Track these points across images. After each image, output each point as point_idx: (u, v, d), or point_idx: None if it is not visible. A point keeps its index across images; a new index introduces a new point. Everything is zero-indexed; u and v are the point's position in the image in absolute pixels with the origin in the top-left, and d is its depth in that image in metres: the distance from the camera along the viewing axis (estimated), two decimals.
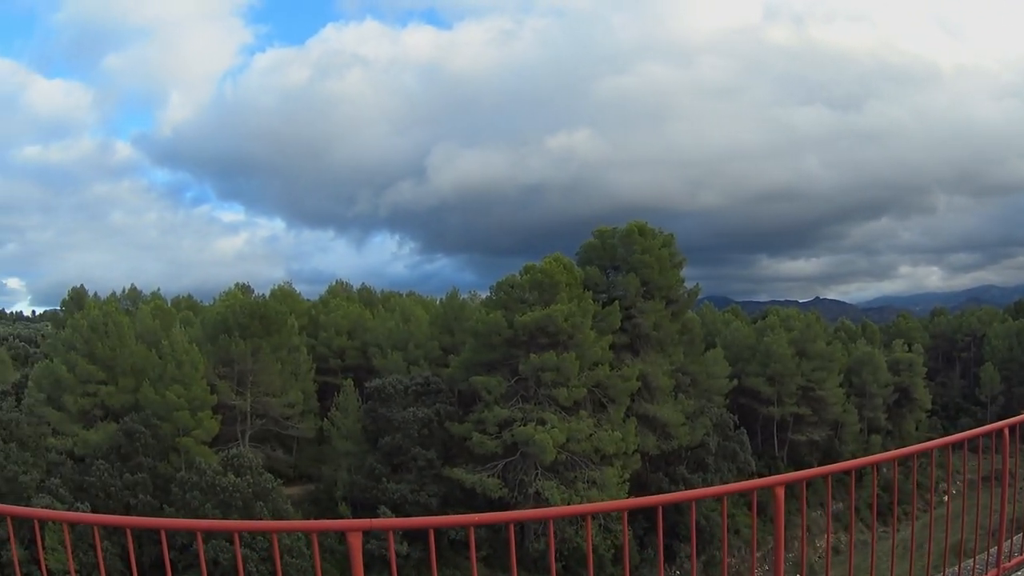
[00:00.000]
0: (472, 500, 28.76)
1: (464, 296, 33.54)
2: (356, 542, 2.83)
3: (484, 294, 31.50)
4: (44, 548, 21.50)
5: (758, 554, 33.17)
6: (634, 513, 29.37)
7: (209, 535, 24.09)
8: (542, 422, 28.69)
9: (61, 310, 39.81)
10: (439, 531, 24.61)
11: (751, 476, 35.06)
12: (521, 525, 29.60)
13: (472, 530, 3.02)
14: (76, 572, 22.65)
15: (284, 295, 38.06)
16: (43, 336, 46.58)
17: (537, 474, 29.18)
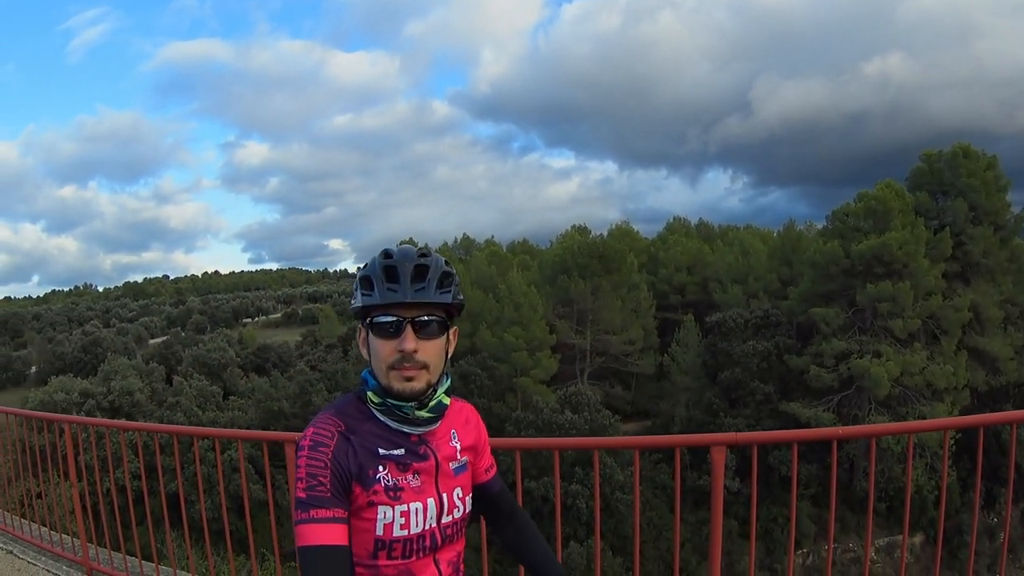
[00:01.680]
0: None
1: (800, 227, 37.13)
2: (720, 456, 3.11)
3: (819, 225, 35.04)
4: None
5: None
6: (959, 454, 31.96)
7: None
8: (877, 354, 31.64)
9: None
10: (772, 468, 28.46)
11: None
12: (851, 463, 33.53)
13: (835, 444, 3.17)
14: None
15: (622, 234, 41.78)
16: None
17: (870, 409, 32.61)
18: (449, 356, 1.65)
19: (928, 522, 30.95)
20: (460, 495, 1.69)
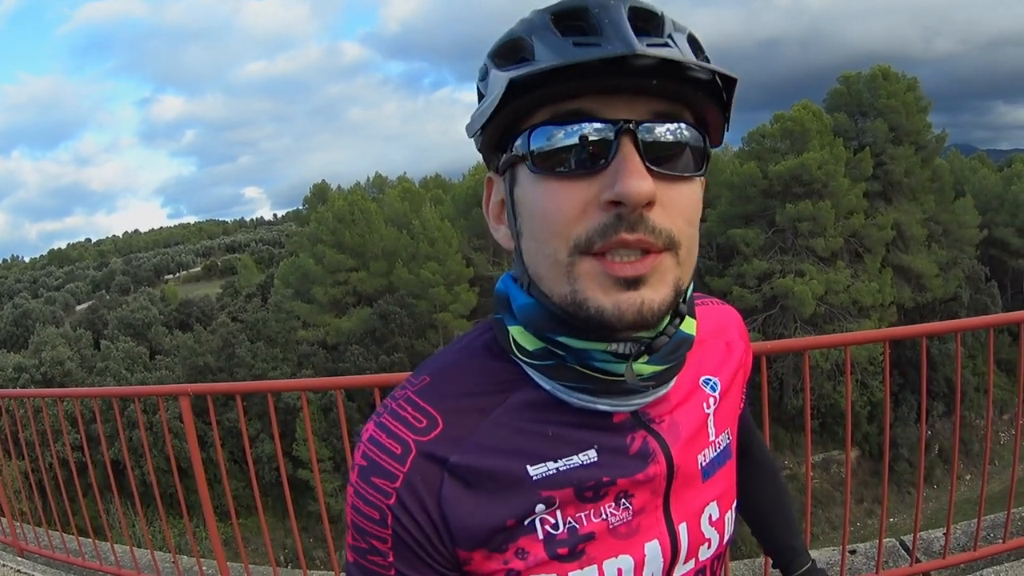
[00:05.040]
0: None
1: (716, 149, 36.27)
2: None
3: (735, 148, 34.99)
4: (295, 440, 26.58)
5: (1006, 416, 36.05)
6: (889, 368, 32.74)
7: None
8: (800, 274, 31.79)
9: (304, 208, 42.80)
10: None
11: (1001, 331, 37.84)
12: (780, 382, 33.74)
13: (764, 360, 2.88)
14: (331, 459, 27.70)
15: None
16: (287, 236, 53.16)
17: (796, 328, 32.91)
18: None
19: (862, 437, 31.33)
20: (714, 517, 0.81)
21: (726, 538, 0.83)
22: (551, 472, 0.70)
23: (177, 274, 77.06)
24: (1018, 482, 3.42)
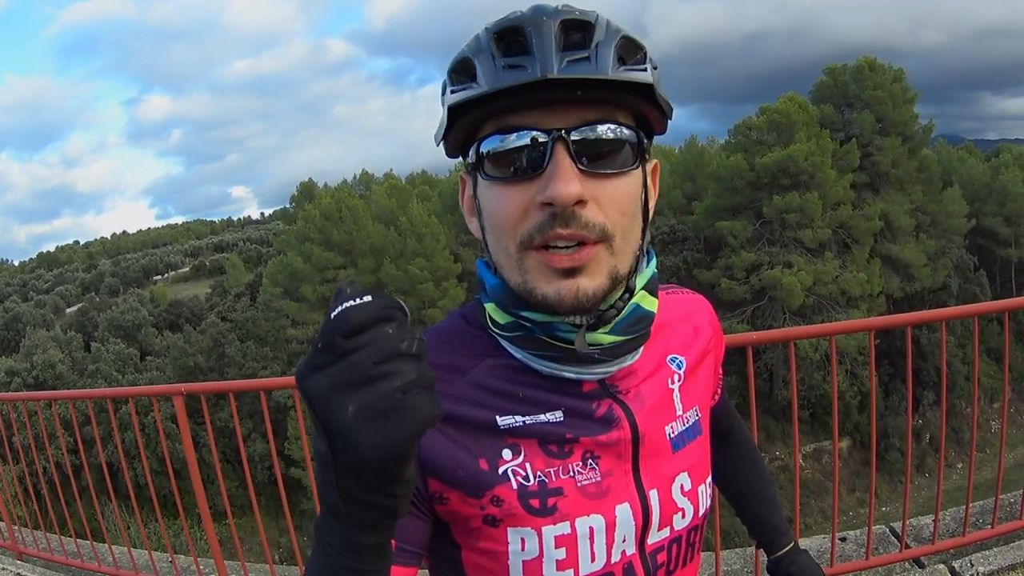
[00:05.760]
0: None
1: (702, 143, 36.98)
2: None
3: (721, 140, 35.16)
4: (288, 437, 26.67)
5: (996, 405, 36.35)
6: (878, 359, 32.57)
7: None
8: (788, 265, 31.97)
9: (291, 206, 42.80)
10: None
11: (991, 320, 38.12)
12: (770, 373, 33.89)
13: (750, 350, 2.83)
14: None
15: None
16: (274, 235, 52.81)
17: (785, 319, 33.08)
18: (652, 214, 0.83)
19: (853, 427, 31.38)
20: (686, 486, 0.87)
21: (701, 511, 0.89)
22: (518, 424, 0.79)
23: (166, 275, 76.53)
24: (1007, 468, 3.46)
